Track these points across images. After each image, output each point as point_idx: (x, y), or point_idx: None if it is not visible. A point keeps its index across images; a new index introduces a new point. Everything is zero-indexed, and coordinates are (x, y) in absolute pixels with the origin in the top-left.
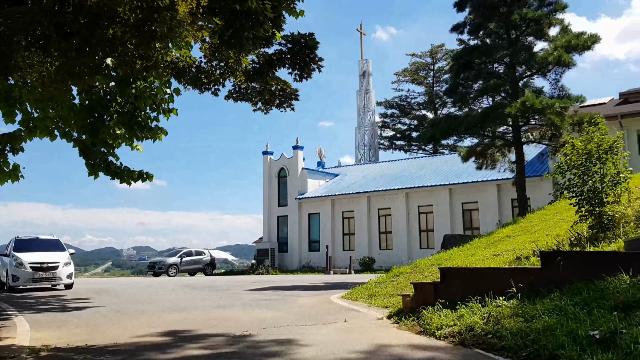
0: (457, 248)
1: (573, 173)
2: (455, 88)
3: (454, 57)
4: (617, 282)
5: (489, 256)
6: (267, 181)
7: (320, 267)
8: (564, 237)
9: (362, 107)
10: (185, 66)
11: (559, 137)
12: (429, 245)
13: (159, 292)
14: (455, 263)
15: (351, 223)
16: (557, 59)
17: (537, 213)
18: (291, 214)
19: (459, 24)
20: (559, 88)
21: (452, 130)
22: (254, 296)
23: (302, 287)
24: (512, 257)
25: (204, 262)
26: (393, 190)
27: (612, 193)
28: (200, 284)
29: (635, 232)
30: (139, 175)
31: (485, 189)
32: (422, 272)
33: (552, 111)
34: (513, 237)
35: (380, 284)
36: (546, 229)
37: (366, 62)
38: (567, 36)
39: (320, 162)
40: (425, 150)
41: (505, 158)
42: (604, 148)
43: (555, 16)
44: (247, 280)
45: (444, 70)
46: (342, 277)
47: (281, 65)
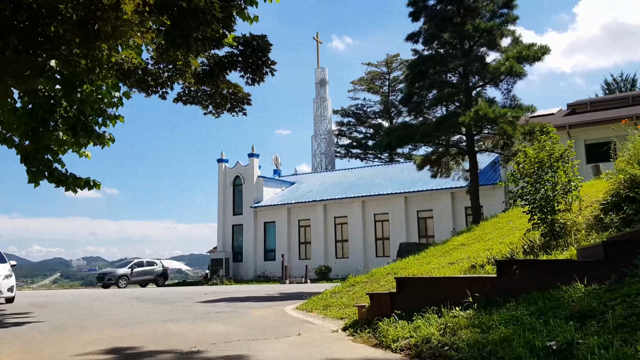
0: (412, 257)
1: (526, 181)
2: (410, 97)
3: (409, 66)
4: (572, 290)
5: (444, 264)
6: (222, 189)
7: (276, 276)
8: (517, 245)
9: (319, 115)
10: (131, 68)
11: (510, 145)
12: (384, 254)
13: (106, 306)
14: (411, 272)
15: (307, 232)
16: (509, 69)
17: (490, 221)
18: (246, 222)
19: (413, 34)
20: (511, 98)
21: (407, 138)
22: (206, 308)
23: (256, 298)
24: (467, 265)
25: (156, 273)
26: (349, 198)
27: (563, 201)
28: (151, 296)
29: (587, 240)
30: (86, 182)
31: (440, 197)
32: (378, 281)
33: (505, 120)
34: (468, 245)
35: (335, 294)
36: (500, 237)
37: (323, 71)
38: (519, 47)
39: (276, 170)
40: (381, 158)
41: (459, 166)
42: (555, 157)
43: (506, 27)
44: (199, 291)
45: (399, 79)
46: (298, 286)
47: (232, 68)
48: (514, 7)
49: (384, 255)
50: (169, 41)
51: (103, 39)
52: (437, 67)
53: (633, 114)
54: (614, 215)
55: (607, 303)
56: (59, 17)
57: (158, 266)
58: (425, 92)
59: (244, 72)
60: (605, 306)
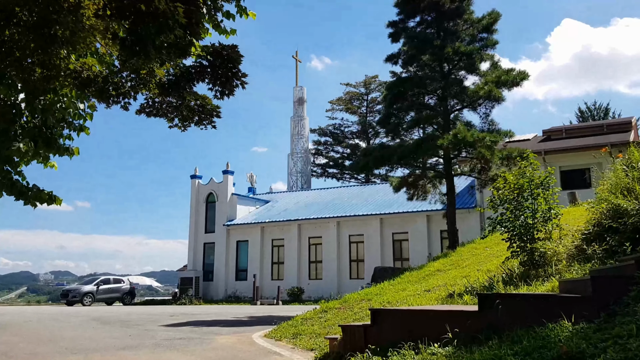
0: (387, 282)
1: (505, 207)
2: (388, 118)
3: (388, 87)
4: (559, 329)
5: (420, 292)
6: (194, 206)
7: (247, 297)
8: (495, 273)
9: (296, 133)
10: (91, 76)
11: (488, 170)
12: (359, 276)
13: (63, 328)
14: (386, 298)
15: (281, 252)
16: (487, 93)
17: (467, 246)
18: (218, 240)
19: (393, 55)
20: (489, 122)
21: (385, 159)
22: (168, 334)
23: (223, 323)
24: (444, 293)
25: (123, 291)
26: (324, 218)
27: (543, 229)
28: (113, 317)
29: (569, 272)
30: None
31: (416, 219)
32: (352, 308)
33: (483, 144)
34: (444, 272)
35: (306, 320)
36: (477, 264)
37: (301, 89)
38: (497, 72)
39: (251, 188)
40: (358, 179)
41: (436, 189)
42: (535, 183)
43: (486, 52)
44: (166, 312)
45: (378, 100)
46: (269, 308)
47: (200, 79)
48: (493, 31)
49: (358, 278)
50: (123, 47)
51: (60, 45)
52: (416, 89)
53: (608, 142)
54: (597, 247)
55: (597, 345)
56: (14, 19)
57: (125, 284)
58: (404, 114)
59: (213, 84)
60: (596, 348)
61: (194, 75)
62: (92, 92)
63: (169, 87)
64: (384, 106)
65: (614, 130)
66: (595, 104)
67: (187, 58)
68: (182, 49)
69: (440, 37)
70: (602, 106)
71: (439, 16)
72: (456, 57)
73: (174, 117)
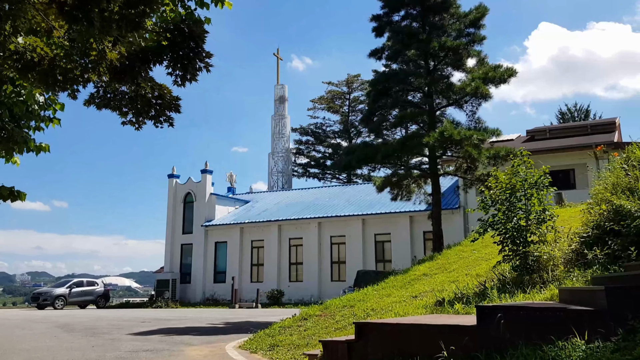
0: (371, 287)
1: (496, 208)
2: (371, 115)
3: (372, 83)
4: (571, 348)
5: (406, 298)
6: (171, 206)
7: (226, 300)
8: (485, 278)
9: (277, 132)
10: (35, 58)
11: (474, 170)
12: (340, 278)
13: (23, 337)
14: (370, 305)
15: (260, 253)
16: (474, 90)
17: (453, 249)
18: (196, 242)
19: (377, 50)
20: (476, 120)
21: (368, 158)
22: (135, 344)
23: (197, 330)
24: (432, 300)
25: (97, 294)
26: (305, 219)
27: (538, 232)
28: (81, 323)
29: (569, 278)
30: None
31: (399, 220)
32: (333, 315)
33: (470, 143)
34: (430, 276)
35: (285, 329)
36: (465, 268)
37: (282, 88)
38: (485, 68)
39: (230, 188)
40: (339, 179)
41: (421, 190)
42: (530, 183)
43: (473, 47)
44: (138, 317)
45: (360, 99)
46: (248, 312)
47: (158, 61)
48: (481, 27)
49: (339, 280)
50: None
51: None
52: (401, 85)
53: (592, 143)
54: (598, 251)
55: None
56: None
57: (99, 286)
58: (388, 111)
59: (173, 68)
60: None
61: (150, 57)
62: (36, 77)
63: (122, 72)
64: (367, 103)
65: (598, 130)
66: (575, 106)
67: (140, 32)
68: (133, 20)
69: (425, 32)
70: (583, 108)
71: (424, 10)
72: (442, 52)
73: (128, 110)
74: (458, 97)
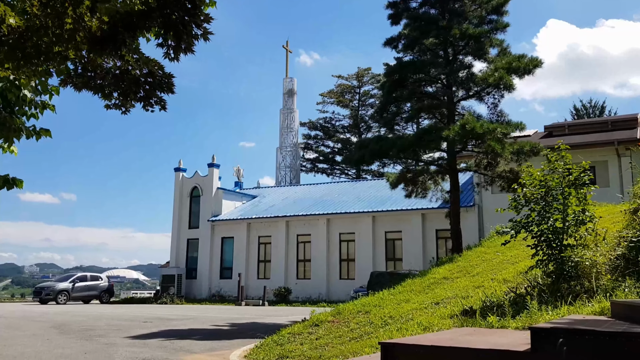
0: (387, 291)
1: (531, 208)
2: (386, 107)
3: (387, 73)
4: None
5: (427, 304)
6: (177, 200)
7: (232, 296)
8: (514, 284)
9: (285, 126)
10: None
11: (495, 166)
12: (349, 276)
13: (13, 338)
14: (387, 312)
15: (267, 249)
16: (498, 80)
17: (474, 250)
18: (203, 237)
19: (392, 38)
20: (498, 113)
21: (382, 152)
22: (132, 351)
23: (200, 333)
24: (457, 308)
25: (100, 289)
26: (314, 215)
27: (577, 234)
28: (79, 323)
29: (619, 289)
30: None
31: (410, 218)
32: (347, 322)
33: (493, 137)
34: (452, 280)
35: (294, 336)
36: (489, 271)
37: (291, 81)
38: (508, 57)
39: (237, 182)
40: (348, 174)
41: (437, 186)
42: (569, 180)
43: (495, 36)
44: (140, 316)
45: (370, 94)
46: (254, 311)
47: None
48: (504, 13)
49: (348, 278)
50: None
51: None
52: (418, 75)
53: (615, 139)
54: None
55: None
56: None
57: (103, 281)
58: (404, 103)
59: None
60: None
61: (136, 21)
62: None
63: (103, 41)
64: (382, 94)
65: (620, 127)
66: (590, 102)
67: None
68: None
69: (445, 19)
70: (598, 104)
71: None
72: (463, 40)
73: (112, 90)
74: (479, 89)
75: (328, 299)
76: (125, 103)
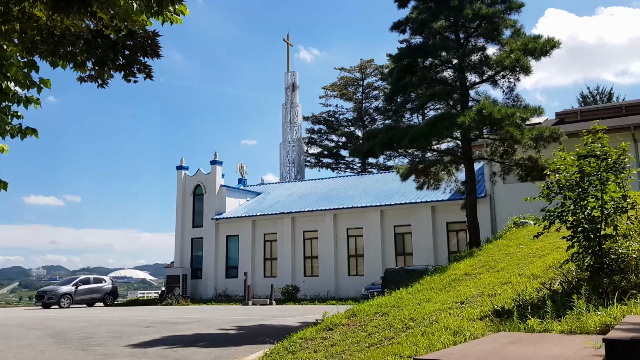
0: (404, 290)
1: (565, 196)
2: (395, 95)
3: (395, 59)
4: None
5: (451, 304)
6: (180, 199)
7: (239, 295)
8: (546, 280)
9: (288, 121)
10: None
11: (512, 154)
12: (357, 272)
13: (5, 350)
14: (408, 313)
15: (273, 247)
16: (514, 62)
17: (495, 243)
18: (207, 235)
19: (400, 22)
20: (514, 98)
21: (394, 142)
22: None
23: (206, 339)
24: (486, 307)
25: (104, 291)
26: (320, 211)
27: (620, 224)
28: (78, 330)
29: None
30: None
31: (420, 211)
32: (364, 326)
33: (511, 122)
34: (475, 276)
35: (307, 342)
36: (515, 266)
37: (293, 74)
38: (523, 39)
39: (241, 180)
40: (353, 169)
41: (451, 177)
42: (606, 164)
43: (509, 16)
44: (143, 320)
45: (374, 86)
46: (262, 310)
47: None
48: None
49: (357, 274)
50: None
51: None
52: (430, 59)
53: (630, 124)
54: None
55: None
56: None
57: (107, 283)
58: (414, 90)
59: None
60: None
61: None
62: None
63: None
64: (390, 82)
65: (634, 111)
66: (598, 89)
67: None
68: None
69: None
70: (606, 91)
71: None
72: (475, 22)
73: (85, 59)
74: (493, 73)
75: (337, 296)
76: (102, 73)
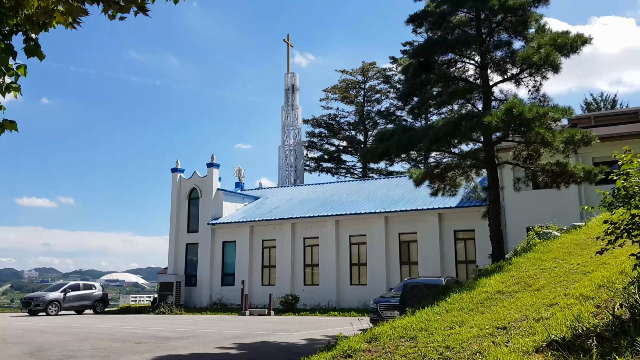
0: (430, 309)
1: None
2: (410, 94)
3: (411, 55)
4: None
5: (491, 329)
6: (175, 203)
7: (235, 304)
8: (601, 303)
9: (288, 124)
10: None
11: (537, 158)
12: (360, 282)
13: None
14: (442, 340)
15: (272, 254)
16: (544, 59)
17: (525, 257)
18: (202, 241)
19: (417, 15)
20: (540, 97)
21: (411, 144)
22: None
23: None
24: (535, 334)
25: (94, 298)
26: (321, 217)
27: None
28: (61, 345)
29: None
30: None
31: (426, 218)
32: (390, 353)
33: (542, 123)
34: (510, 295)
35: None
36: (556, 284)
37: (293, 76)
38: (551, 34)
39: (238, 183)
40: (354, 173)
41: (470, 183)
42: None
43: (536, 10)
44: (133, 334)
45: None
46: (261, 322)
47: None
48: None
49: (359, 284)
50: None
51: None
52: (449, 54)
53: None
54: None
55: None
56: None
57: (97, 290)
58: (432, 88)
59: None
60: None
61: None
62: None
63: None
64: (406, 78)
65: None
66: (602, 96)
67: None
68: None
69: None
70: (610, 98)
71: None
72: (500, 14)
73: None
74: (518, 70)
75: (339, 306)
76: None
